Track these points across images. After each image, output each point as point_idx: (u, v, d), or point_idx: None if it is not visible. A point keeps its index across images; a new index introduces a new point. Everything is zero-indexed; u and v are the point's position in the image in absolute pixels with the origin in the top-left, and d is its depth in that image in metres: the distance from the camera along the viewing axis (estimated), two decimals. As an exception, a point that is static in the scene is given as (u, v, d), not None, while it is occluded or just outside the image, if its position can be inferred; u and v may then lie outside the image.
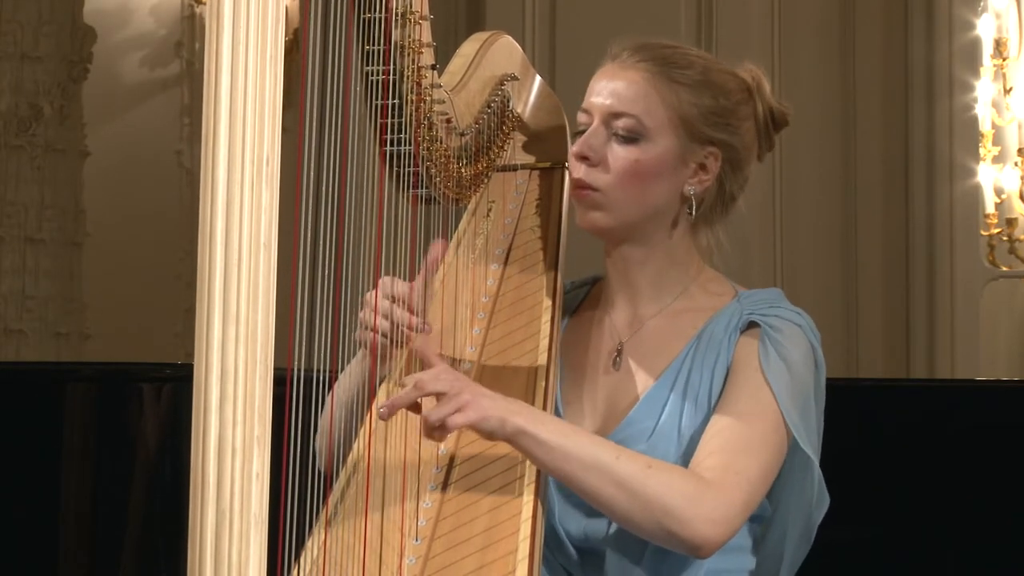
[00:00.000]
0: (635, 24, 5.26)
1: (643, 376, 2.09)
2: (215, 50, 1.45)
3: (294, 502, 1.67)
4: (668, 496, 1.89)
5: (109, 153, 6.02)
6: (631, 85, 2.07)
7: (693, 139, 2.07)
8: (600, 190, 2.07)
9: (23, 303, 5.56)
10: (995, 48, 5.70)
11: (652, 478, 1.89)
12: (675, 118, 2.07)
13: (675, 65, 2.08)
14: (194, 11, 6.35)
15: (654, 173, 2.06)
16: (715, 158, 2.09)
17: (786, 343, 2.02)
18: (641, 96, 2.07)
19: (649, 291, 2.12)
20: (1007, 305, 5.94)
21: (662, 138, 2.07)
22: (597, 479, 1.89)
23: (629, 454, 1.92)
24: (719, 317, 2.08)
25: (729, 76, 2.12)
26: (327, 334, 1.79)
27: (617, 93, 2.08)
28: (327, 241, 1.75)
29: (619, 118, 2.07)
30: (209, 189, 1.44)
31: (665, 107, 2.06)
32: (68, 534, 3.58)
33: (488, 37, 2.26)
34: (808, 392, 2.02)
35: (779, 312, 2.05)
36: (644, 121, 2.06)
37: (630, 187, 2.06)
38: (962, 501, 3.66)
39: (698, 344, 2.07)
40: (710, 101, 2.08)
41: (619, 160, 2.06)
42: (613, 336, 2.14)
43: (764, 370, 2.00)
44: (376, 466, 1.95)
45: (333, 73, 1.80)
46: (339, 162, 1.80)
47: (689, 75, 2.08)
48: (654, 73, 2.07)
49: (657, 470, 1.91)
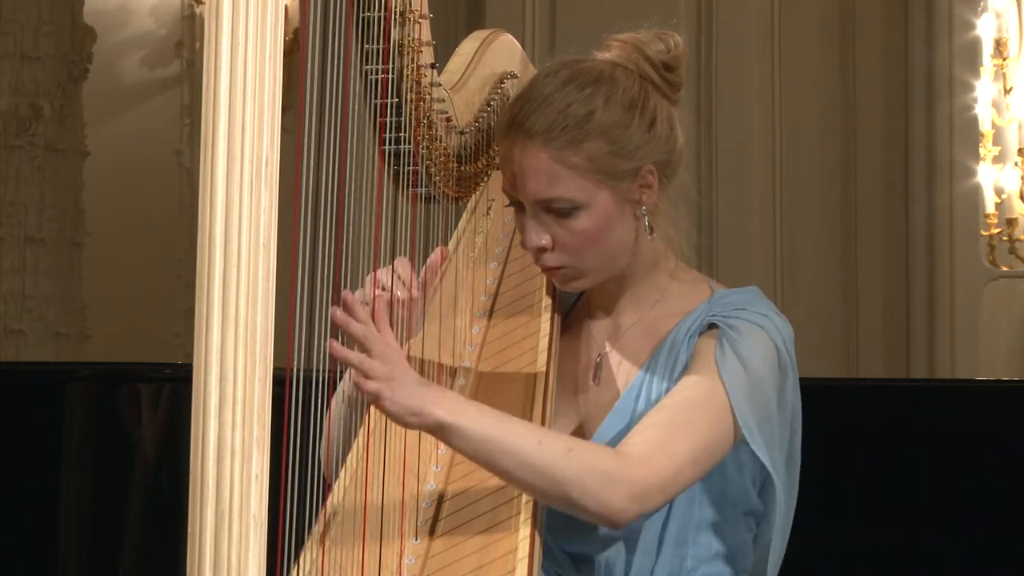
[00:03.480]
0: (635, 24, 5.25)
1: (618, 386, 2.09)
2: (214, 50, 1.45)
3: (293, 503, 1.67)
4: (586, 476, 1.88)
5: (109, 153, 6.02)
6: (542, 171, 2.02)
7: (623, 179, 2.04)
8: (568, 266, 2.06)
9: (23, 303, 5.55)
10: (995, 48, 5.69)
11: (573, 460, 1.89)
12: (597, 176, 2.02)
13: (566, 128, 2.02)
14: (194, 11, 6.34)
15: (605, 228, 2.04)
16: (651, 173, 2.05)
17: (743, 342, 2.00)
18: (556, 177, 2.01)
19: (628, 302, 2.12)
20: (1007, 305, 5.93)
21: (596, 198, 2.03)
22: (514, 464, 1.88)
23: (553, 438, 1.91)
24: (684, 321, 2.07)
25: (613, 87, 2.05)
26: (326, 334, 1.78)
27: (533, 182, 2.02)
28: (326, 241, 1.75)
29: (549, 203, 2.03)
30: (208, 189, 1.44)
31: (582, 174, 2.01)
32: (68, 534, 3.58)
33: (488, 35, 2.26)
34: (766, 390, 2.00)
35: (743, 315, 2.03)
36: (572, 197, 2.02)
37: (592, 252, 2.05)
38: (962, 501, 3.66)
39: (661, 351, 2.07)
40: (617, 134, 2.03)
41: (569, 236, 2.03)
42: (595, 347, 2.13)
43: (719, 364, 1.98)
44: (375, 466, 1.95)
45: (332, 73, 1.80)
46: (338, 162, 1.80)
47: (585, 130, 2.02)
48: (555, 149, 2.01)
49: (579, 451, 1.90)
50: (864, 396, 3.83)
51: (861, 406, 3.73)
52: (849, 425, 3.61)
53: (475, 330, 2.18)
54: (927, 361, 5.57)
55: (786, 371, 2.03)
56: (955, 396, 3.92)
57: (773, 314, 2.05)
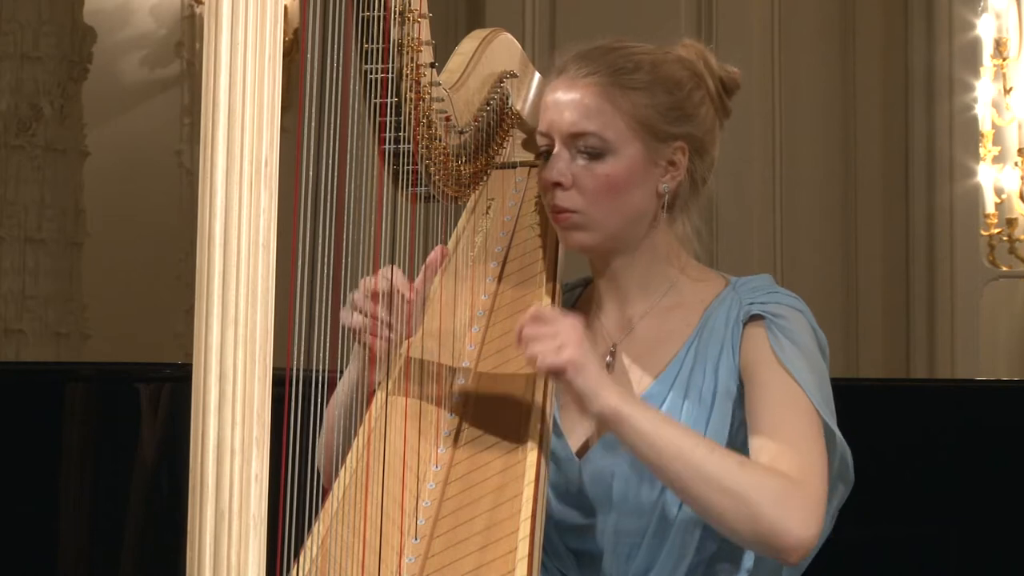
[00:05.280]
0: (635, 24, 5.26)
1: (640, 376, 2.08)
2: (214, 50, 1.45)
3: (293, 503, 1.67)
4: (762, 490, 1.87)
5: (109, 153, 6.02)
6: (585, 102, 2.06)
7: (657, 140, 2.07)
8: (578, 211, 2.07)
9: (23, 303, 5.55)
10: (995, 48, 5.69)
11: (746, 474, 1.88)
12: (635, 125, 2.06)
13: (623, 71, 2.07)
14: (194, 11, 6.34)
15: (627, 183, 2.06)
16: (682, 151, 2.09)
17: (794, 329, 2.02)
18: (597, 112, 2.05)
19: (637, 291, 2.12)
20: (1007, 305, 5.93)
21: (627, 148, 2.06)
22: (684, 470, 1.87)
23: (723, 451, 1.92)
24: (717, 309, 2.08)
25: (676, 65, 2.11)
26: (326, 334, 1.78)
27: (573, 113, 2.06)
28: (326, 241, 1.75)
29: (580, 138, 2.06)
30: (208, 190, 1.44)
31: (623, 116, 2.05)
32: (68, 534, 3.58)
33: (487, 34, 2.26)
34: (823, 373, 2.03)
35: (778, 299, 2.05)
36: (605, 136, 2.05)
37: (607, 202, 2.06)
38: (962, 501, 3.66)
39: (699, 340, 2.07)
40: (665, 98, 2.07)
41: (590, 179, 2.06)
42: (604, 339, 2.13)
43: (783, 362, 1.99)
44: (375, 465, 1.95)
45: (332, 72, 1.80)
46: (338, 161, 1.80)
47: (639, 78, 2.07)
48: (605, 85, 2.06)
49: (751, 466, 1.90)
50: (864, 396, 3.83)
51: (861, 406, 3.73)
52: (849, 425, 3.61)
53: (475, 329, 2.18)
54: (927, 361, 5.57)
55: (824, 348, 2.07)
56: (955, 396, 3.92)
57: (792, 297, 2.08)
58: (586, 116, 2.05)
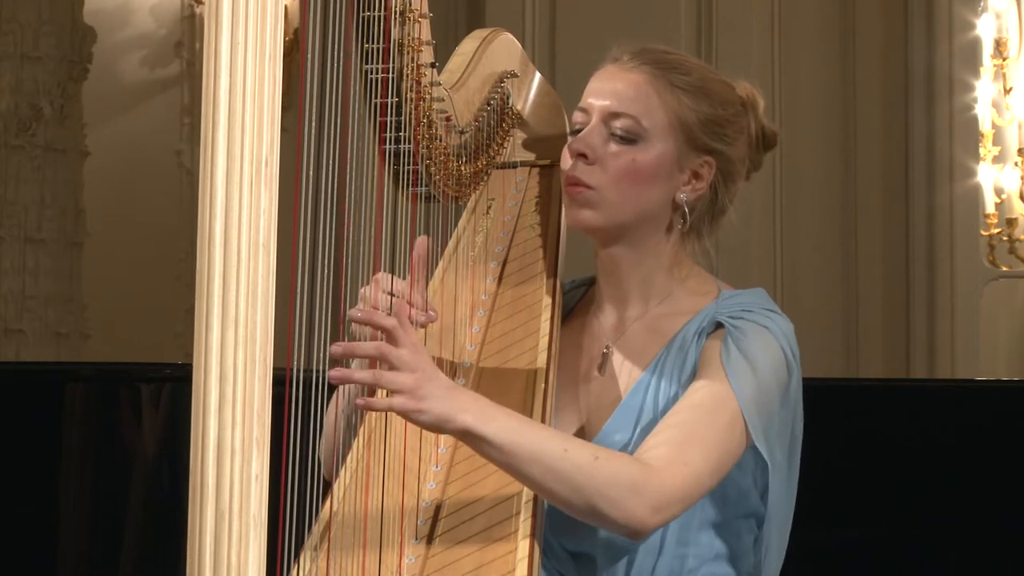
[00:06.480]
0: (635, 24, 5.26)
1: (622, 382, 2.09)
2: (214, 50, 1.45)
3: (293, 503, 1.67)
4: (611, 486, 1.87)
5: (109, 153, 6.02)
6: (631, 86, 2.07)
7: (690, 145, 2.07)
8: (594, 188, 2.07)
9: (23, 303, 5.55)
10: (995, 48, 5.70)
11: (598, 469, 1.88)
12: (674, 122, 2.06)
13: (675, 70, 2.09)
14: (194, 11, 6.34)
15: (649, 175, 2.06)
16: (710, 167, 2.09)
17: (750, 344, 2.00)
18: (641, 97, 2.07)
19: (636, 295, 2.12)
20: (1007, 305, 5.94)
21: (660, 141, 2.06)
22: (540, 472, 1.87)
23: (579, 446, 1.91)
24: (693, 321, 2.07)
25: (727, 87, 2.12)
26: (327, 335, 1.78)
27: (617, 93, 2.07)
28: (326, 241, 1.75)
29: (618, 118, 2.07)
30: (208, 190, 1.44)
31: (664, 110, 2.06)
32: (68, 534, 3.58)
33: (488, 34, 2.26)
34: (768, 391, 2.00)
35: (749, 315, 2.04)
36: (643, 122, 2.06)
37: (625, 187, 2.06)
38: (962, 501, 3.66)
39: (669, 350, 2.07)
40: (708, 109, 2.08)
41: (616, 159, 2.06)
42: (600, 340, 2.13)
43: (725, 366, 1.98)
44: (375, 465, 1.95)
45: (332, 72, 1.80)
46: (338, 162, 1.80)
47: (689, 81, 2.08)
48: (655, 76, 2.08)
49: (604, 460, 1.89)
50: (864, 396, 3.83)
51: (861, 406, 3.73)
52: (849, 425, 3.61)
53: (475, 329, 2.18)
54: (927, 361, 5.57)
55: (791, 372, 2.04)
56: (955, 396, 3.92)
57: (776, 315, 2.05)
58: (629, 99, 2.06)
